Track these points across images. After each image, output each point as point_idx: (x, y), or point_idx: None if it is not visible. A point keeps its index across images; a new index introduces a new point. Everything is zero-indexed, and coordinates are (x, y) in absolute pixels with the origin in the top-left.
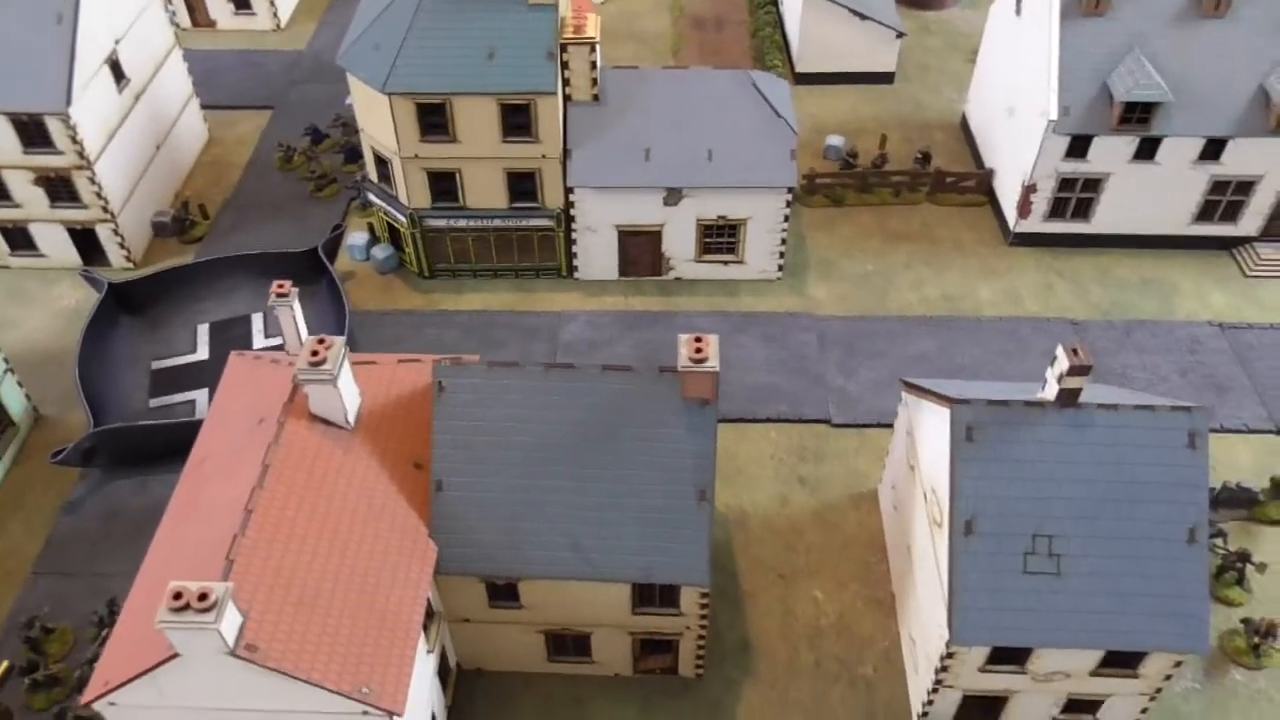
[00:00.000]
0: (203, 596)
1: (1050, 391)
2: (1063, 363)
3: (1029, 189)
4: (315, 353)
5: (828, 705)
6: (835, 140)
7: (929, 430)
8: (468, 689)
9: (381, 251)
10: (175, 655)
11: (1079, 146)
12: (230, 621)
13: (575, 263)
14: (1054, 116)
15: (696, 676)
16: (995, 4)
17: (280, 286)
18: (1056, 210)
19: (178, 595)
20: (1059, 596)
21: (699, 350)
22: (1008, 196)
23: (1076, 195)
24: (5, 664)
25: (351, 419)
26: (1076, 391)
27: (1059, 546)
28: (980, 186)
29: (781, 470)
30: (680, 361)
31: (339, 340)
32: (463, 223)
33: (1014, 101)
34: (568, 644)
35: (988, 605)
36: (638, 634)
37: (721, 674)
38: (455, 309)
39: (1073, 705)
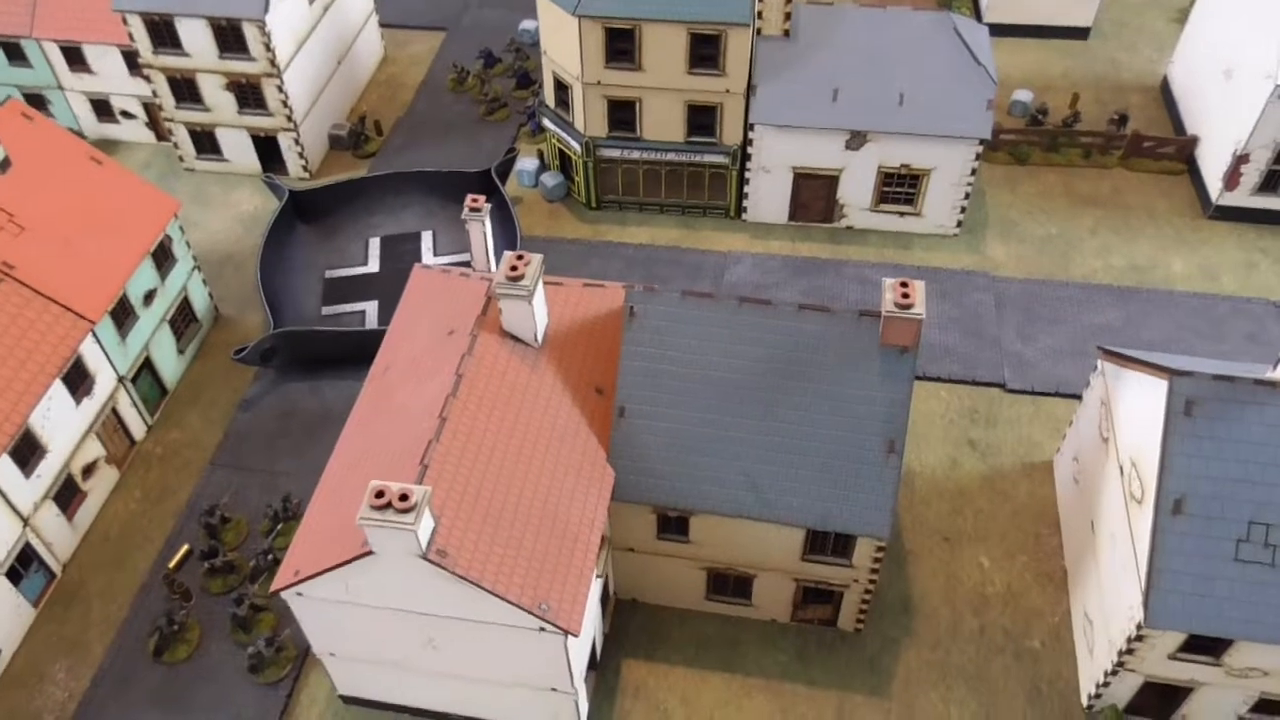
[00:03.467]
0: (403, 497)
1: None
2: None
3: (1240, 159)
4: (514, 268)
5: (990, 675)
6: (1023, 95)
7: (1133, 402)
8: (623, 619)
9: (551, 179)
10: (369, 553)
11: None
12: (425, 525)
13: (745, 203)
14: None
15: (855, 631)
16: None
17: (474, 201)
18: (1269, 183)
19: (379, 494)
20: (1272, 588)
21: (905, 295)
22: (1211, 166)
23: None
24: (186, 548)
25: (540, 338)
26: None
27: (1277, 536)
28: (1180, 154)
29: (951, 431)
30: (884, 306)
31: (537, 258)
32: (636, 154)
33: (1233, 64)
34: (729, 584)
35: (1190, 590)
36: (803, 581)
37: (880, 631)
38: (620, 241)
39: (1264, 705)
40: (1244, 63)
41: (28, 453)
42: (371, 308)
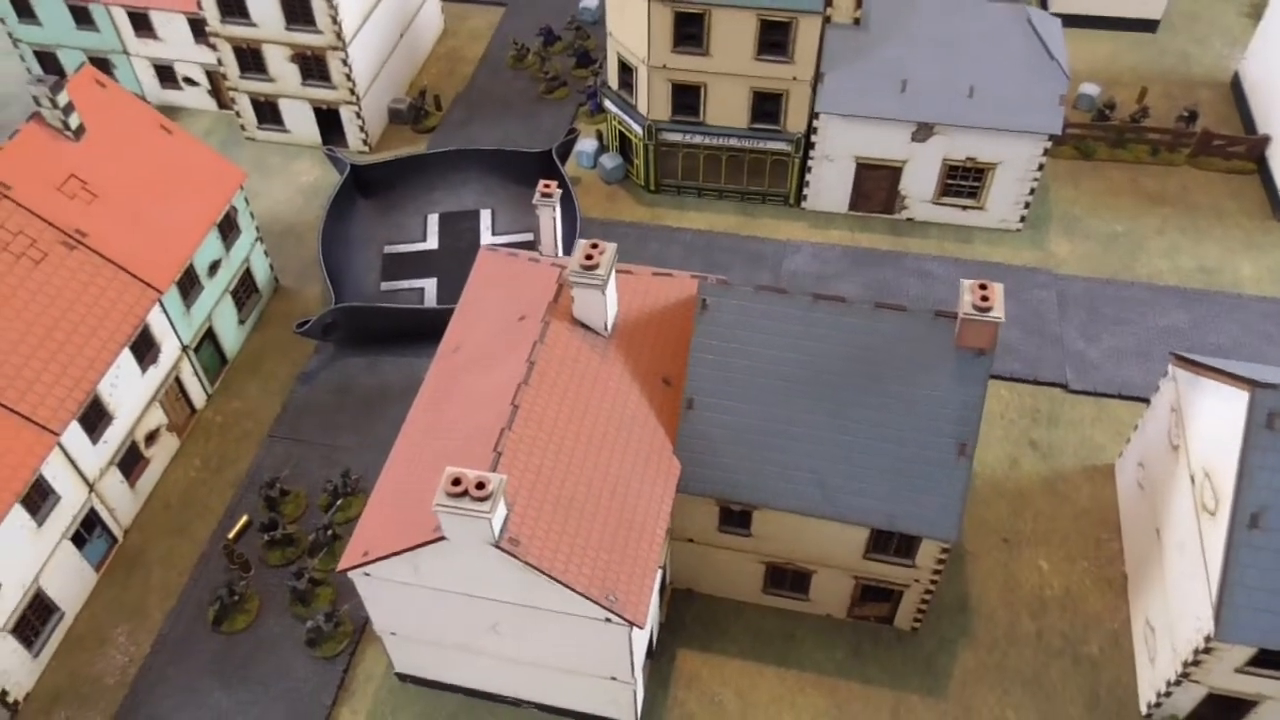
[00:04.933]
0: (480, 485)
1: None
2: None
3: None
4: (589, 256)
5: (1047, 679)
6: (1089, 89)
7: (1209, 411)
8: (678, 609)
9: (610, 161)
10: (441, 538)
11: None
12: (499, 513)
13: (805, 191)
14: None
15: (912, 630)
16: None
17: (546, 186)
18: None
19: (456, 481)
20: None
21: (985, 298)
22: None
23: None
24: (245, 519)
25: (610, 326)
26: None
27: None
28: (1251, 153)
29: (1012, 431)
30: (962, 308)
31: (611, 247)
32: (698, 139)
33: None
34: (786, 578)
35: (1263, 605)
36: (862, 579)
37: (937, 631)
38: (678, 226)
39: None
40: None
41: (95, 419)
42: (430, 285)
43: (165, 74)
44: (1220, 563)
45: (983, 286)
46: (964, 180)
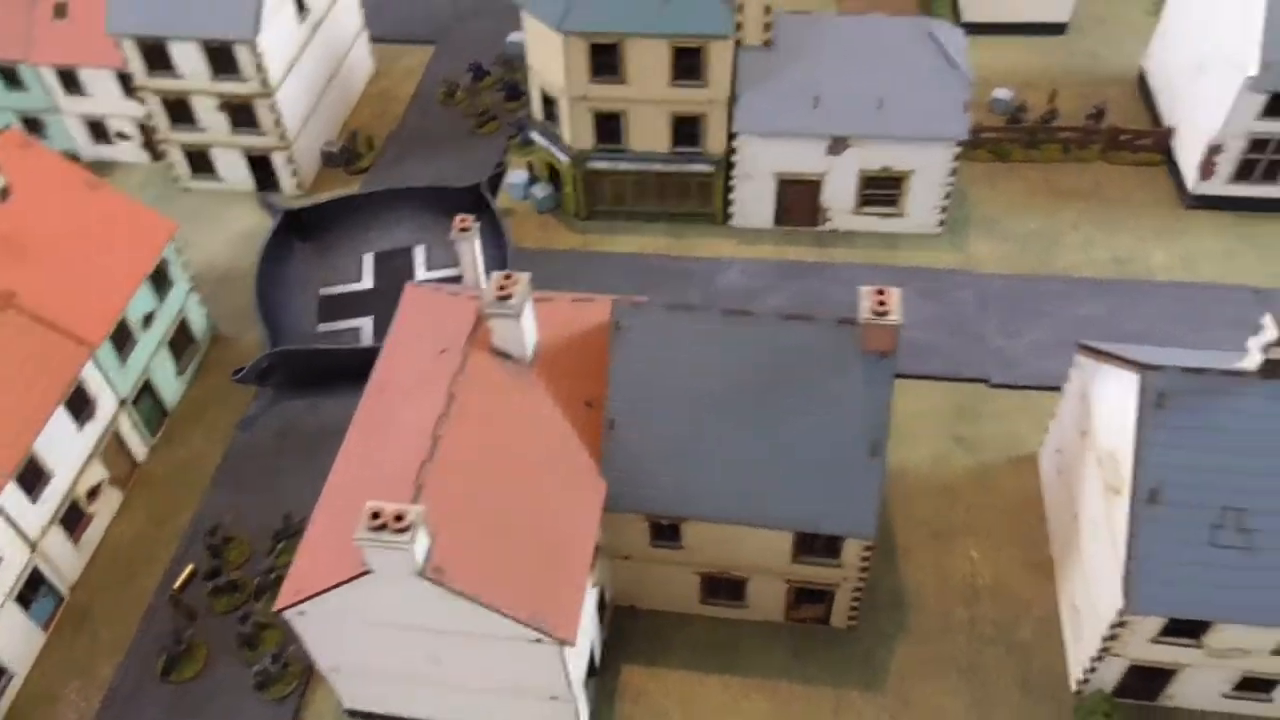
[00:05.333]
0: (399, 517)
1: (1252, 361)
2: (1270, 332)
3: (1214, 149)
4: (502, 287)
5: (981, 666)
6: (1002, 93)
7: (1110, 395)
8: (621, 625)
9: (541, 190)
10: (367, 572)
11: (1277, 105)
12: (421, 543)
13: (731, 210)
14: (1253, 73)
15: (849, 628)
16: None
17: (463, 221)
18: (1243, 172)
19: (376, 515)
20: (1247, 572)
21: (882, 303)
22: (1188, 157)
23: (1268, 157)
24: (191, 568)
25: (530, 354)
26: None
27: (1250, 521)
28: (1158, 146)
29: (939, 428)
30: (862, 313)
31: (524, 276)
32: (624, 165)
33: (1205, 57)
34: (722, 587)
35: (1168, 576)
36: (794, 582)
37: (874, 627)
38: (610, 251)
39: (1247, 683)
40: (1215, 54)
41: (33, 479)
42: (366, 324)
43: (98, 130)
44: (1125, 539)
45: (880, 292)
46: (882, 189)
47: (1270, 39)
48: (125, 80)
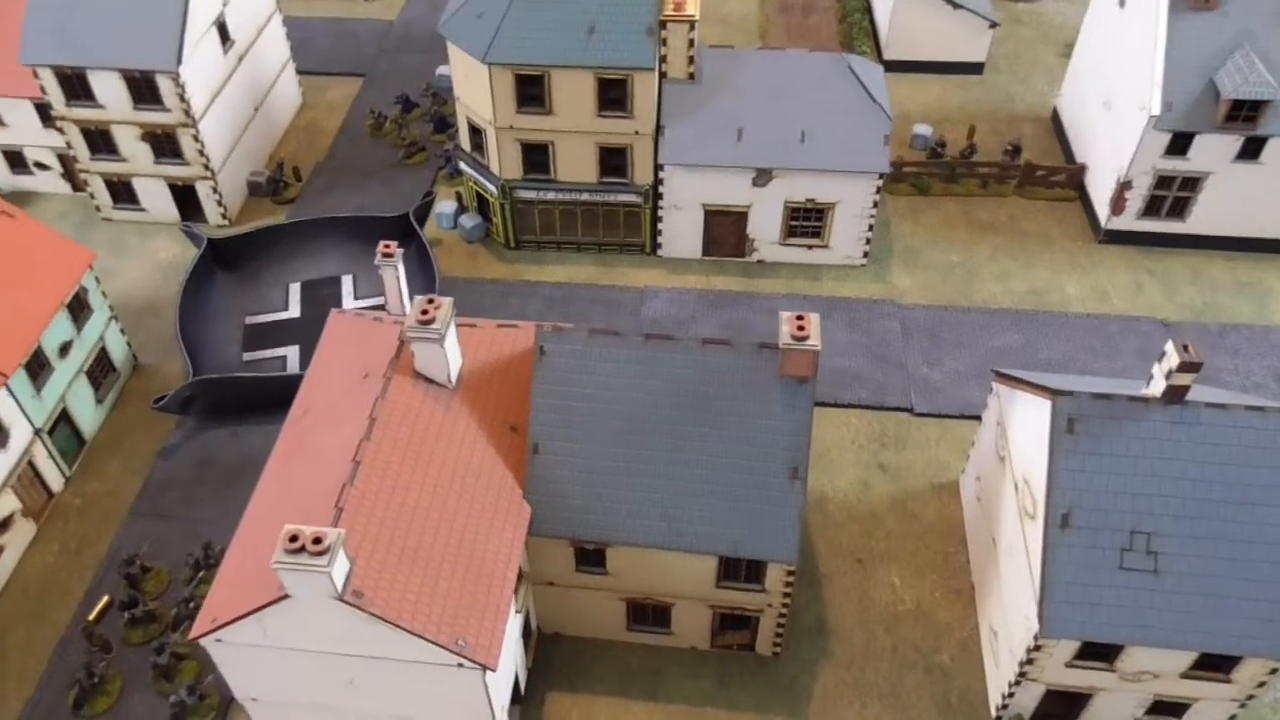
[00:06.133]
0: (316, 540)
1: (1156, 387)
2: (1172, 359)
3: (1124, 185)
4: (425, 311)
5: (903, 691)
6: (922, 129)
7: (1024, 421)
8: (546, 652)
9: (469, 220)
10: (285, 596)
11: (1180, 144)
12: (340, 567)
13: (659, 240)
14: (1156, 112)
15: (773, 655)
16: None
17: (387, 246)
18: (1151, 208)
19: (293, 538)
20: (1155, 595)
21: (801, 328)
22: (1100, 192)
23: (1174, 194)
24: (106, 599)
25: (453, 379)
26: (1184, 389)
27: (1157, 544)
28: (1071, 181)
29: (862, 456)
30: (781, 339)
31: (447, 301)
32: (552, 195)
33: (1112, 96)
34: (648, 614)
35: (1080, 599)
36: (719, 608)
37: (797, 654)
38: (539, 280)
39: (1159, 707)
40: (1121, 94)
41: None
42: (293, 353)
43: (15, 160)
44: (1039, 563)
45: (799, 318)
46: (807, 221)
47: (1170, 80)
48: (44, 110)
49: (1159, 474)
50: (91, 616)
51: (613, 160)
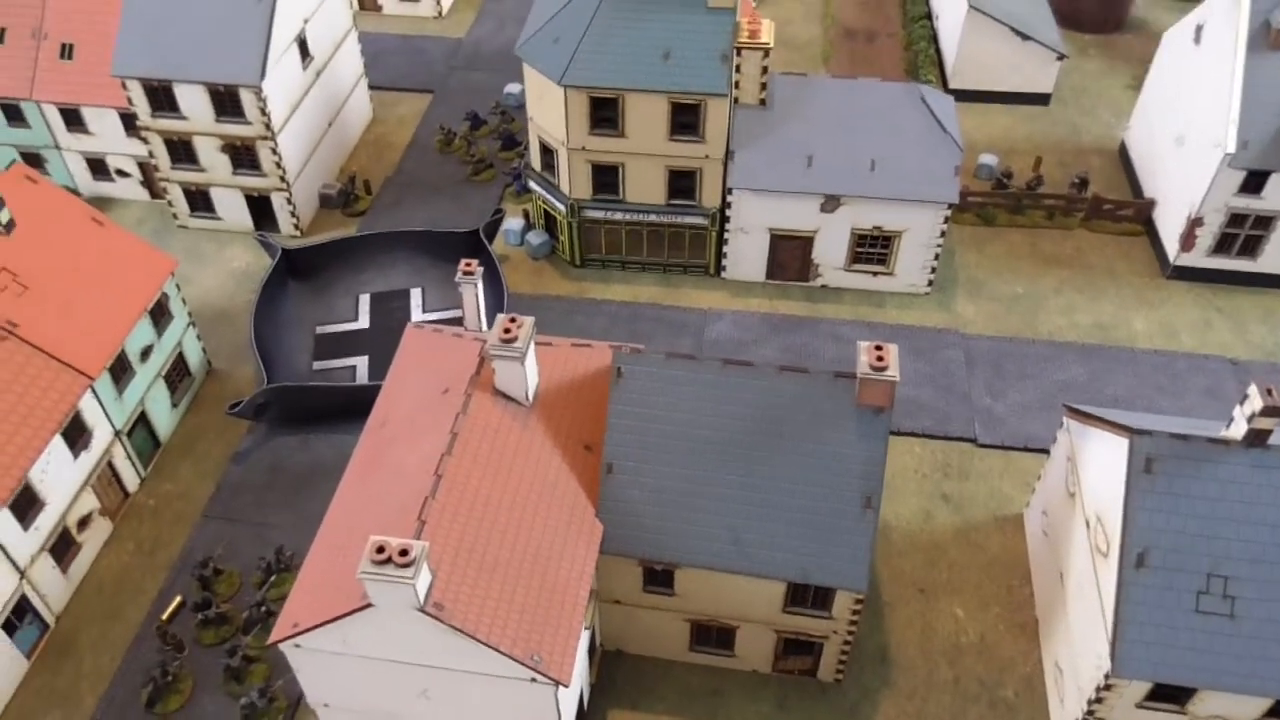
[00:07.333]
0: (403, 552)
1: (1238, 430)
2: (1255, 402)
3: (1195, 222)
4: (507, 330)
5: None
6: (988, 159)
7: (1098, 458)
8: (609, 669)
9: (536, 237)
10: (368, 605)
11: (1254, 182)
12: (424, 579)
13: (724, 262)
14: (1231, 150)
15: (835, 681)
16: (1170, 31)
17: (468, 265)
18: (1222, 246)
19: (380, 549)
20: (1231, 639)
21: (880, 359)
22: (1169, 228)
23: (1246, 231)
24: (179, 599)
25: (531, 396)
26: (1267, 432)
27: (1234, 588)
28: (1139, 216)
29: (925, 485)
30: (860, 368)
31: (529, 320)
32: (619, 216)
33: (1184, 132)
34: (712, 635)
35: (1154, 640)
36: (784, 632)
37: (859, 681)
38: (604, 298)
39: None
40: (1194, 130)
41: (26, 506)
42: (362, 363)
43: (97, 166)
44: (1113, 602)
45: (878, 348)
46: (872, 248)
47: (1246, 118)
48: (128, 120)
49: (1237, 517)
50: (164, 616)
51: (681, 183)
